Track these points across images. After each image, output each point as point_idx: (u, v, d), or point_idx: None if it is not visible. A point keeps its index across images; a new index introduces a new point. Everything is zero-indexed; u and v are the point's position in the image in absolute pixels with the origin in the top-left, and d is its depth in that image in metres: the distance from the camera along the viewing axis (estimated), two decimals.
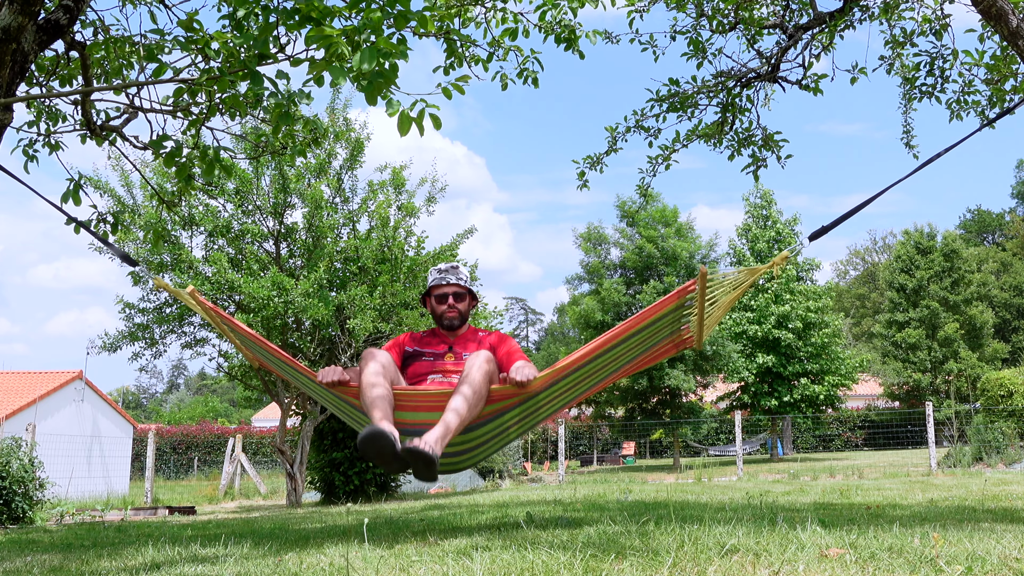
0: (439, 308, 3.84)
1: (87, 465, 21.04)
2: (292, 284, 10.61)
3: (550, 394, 3.54)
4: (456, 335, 3.86)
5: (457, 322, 3.84)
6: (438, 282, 3.87)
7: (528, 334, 74.32)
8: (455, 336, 3.85)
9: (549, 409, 3.68)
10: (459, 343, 3.83)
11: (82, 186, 4.08)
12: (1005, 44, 4.84)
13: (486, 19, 5.08)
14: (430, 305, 3.90)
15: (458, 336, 3.86)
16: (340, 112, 12.10)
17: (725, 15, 5.68)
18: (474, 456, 3.65)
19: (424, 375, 3.70)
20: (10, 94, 3.36)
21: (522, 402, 3.46)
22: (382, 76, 2.64)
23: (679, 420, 23.00)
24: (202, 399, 59.50)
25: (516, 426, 3.62)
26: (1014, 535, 2.77)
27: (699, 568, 2.20)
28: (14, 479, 8.86)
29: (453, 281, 3.85)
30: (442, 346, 3.81)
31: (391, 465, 3.10)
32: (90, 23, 4.32)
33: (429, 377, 3.69)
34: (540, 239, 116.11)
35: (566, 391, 3.63)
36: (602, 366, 3.57)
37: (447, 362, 3.74)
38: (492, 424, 3.48)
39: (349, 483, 12.21)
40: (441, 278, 3.87)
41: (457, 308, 3.83)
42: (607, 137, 5.95)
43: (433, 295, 3.87)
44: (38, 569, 3.11)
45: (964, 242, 39.46)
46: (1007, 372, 16.17)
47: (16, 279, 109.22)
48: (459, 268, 3.93)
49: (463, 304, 3.86)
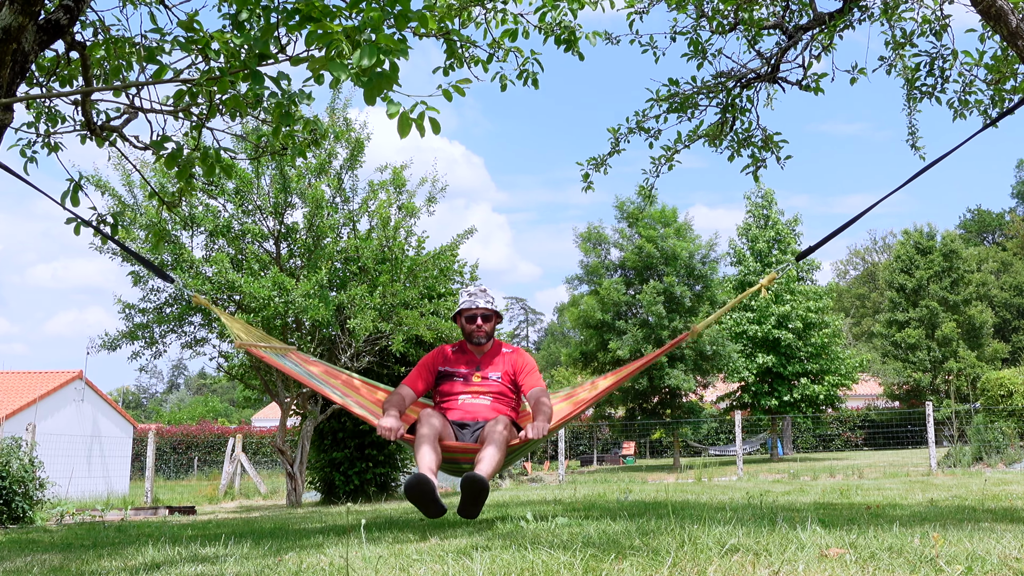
0: (468, 327, 4.36)
1: (87, 465, 21.04)
2: (293, 284, 10.61)
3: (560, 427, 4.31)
4: (483, 352, 4.39)
5: (484, 339, 4.36)
6: (468, 305, 4.35)
7: (528, 334, 74.34)
8: (482, 353, 4.39)
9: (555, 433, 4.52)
10: (485, 360, 4.37)
11: (82, 186, 4.08)
12: (1005, 44, 4.84)
13: (486, 20, 5.07)
14: (460, 323, 4.41)
15: (484, 353, 4.39)
16: (340, 112, 12.10)
17: (725, 16, 5.68)
18: None
19: (456, 395, 4.25)
20: (10, 94, 3.36)
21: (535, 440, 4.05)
22: (383, 75, 2.64)
23: (679, 420, 23.00)
24: (202, 399, 59.51)
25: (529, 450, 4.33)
26: (1014, 535, 2.78)
27: (699, 568, 2.21)
28: (14, 479, 8.86)
29: (482, 304, 4.35)
30: (470, 366, 4.35)
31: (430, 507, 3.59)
32: (90, 23, 4.32)
33: (460, 398, 4.23)
34: (539, 239, 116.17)
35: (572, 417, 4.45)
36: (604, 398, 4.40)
37: (474, 383, 4.28)
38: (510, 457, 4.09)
39: (349, 483, 12.21)
40: (471, 301, 4.36)
41: (484, 328, 4.35)
42: (610, 138, 5.94)
43: (464, 316, 4.37)
44: (38, 569, 3.11)
45: (964, 242, 39.47)
46: (1007, 372, 16.17)
47: (15, 279, 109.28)
48: (487, 292, 4.43)
49: (489, 324, 4.38)
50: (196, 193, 10.88)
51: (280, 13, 3.02)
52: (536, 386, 4.26)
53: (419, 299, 11.58)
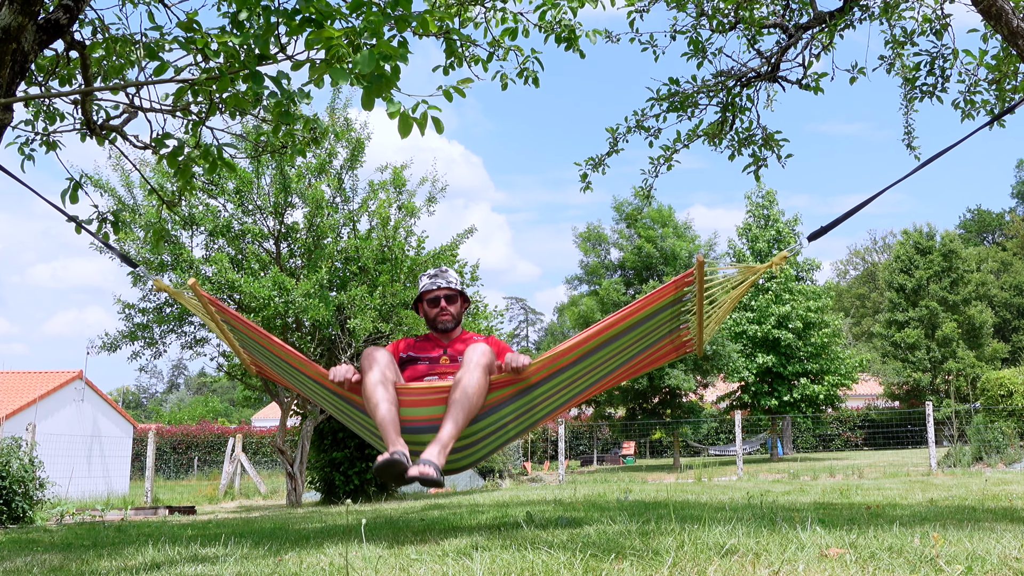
0: (432, 312, 3.90)
1: (87, 465, 21.03)
2: (293, 284, 10.61)
3: (548, 389, 3.59)
4: (450, 337, 3.91)
5: (451, 324, 3.90)
6: (428, 287, 3.92)
7: (528, 334, 74.31)
8: (449, 339, 3.90)
9: (548, 406, 3.72)
10: (453, 345, 3.87)
11: (82, 185, 4.08)
12: (1006, 44, 4.83)
13: (486, 19, 5.08)
14: (423, 310, 3.97)
15: (452, 339, 3.91)
16: (341, 112, 12.10)
17: (725, 15, 5.68)
18: (473, 454, 3.69)
19: (420, 378, 3.74)
20: (10, 94, 3.36)
21: (521, 394, 3.51)
22: (383, 79, 2.64)
23: (679, 420, 23.00)
24: (202, 399, 59.49)
25: (515, 423, 3.66)
26: (1014, 535, 2.77)
27: (699, 568, 2.20)
28: (14, 479, 8.86)
29: (444, 285, 3.91)
30: (437, 350, 3.86)
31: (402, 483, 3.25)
32: (89, 22, 4.32)
33: (426, 379, 3.72)
34: (539, 239, 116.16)
35: (564, 388, 3.66)
36: (599, 362, 3.59)
37: (443, 364, 3.79)
38: (491, 418, 3.52)
39: (349, 483, 12.21)
40: (431, 283, 3.93)
41: (449, 311, 3.89)
42: (608, 138, 5.94)
43: (425, 300, 3.93)
44: (38, 569, 3.11)
45: (964, 242, 39.47)
46: (1007, 372, 16.16)
47: (14, 279, 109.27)
48: (448, 272, 3.99)
49: (455, 306, 3.92)
50: (196, 192, 10.87)
51: (280, 14, 3.01)
52: None
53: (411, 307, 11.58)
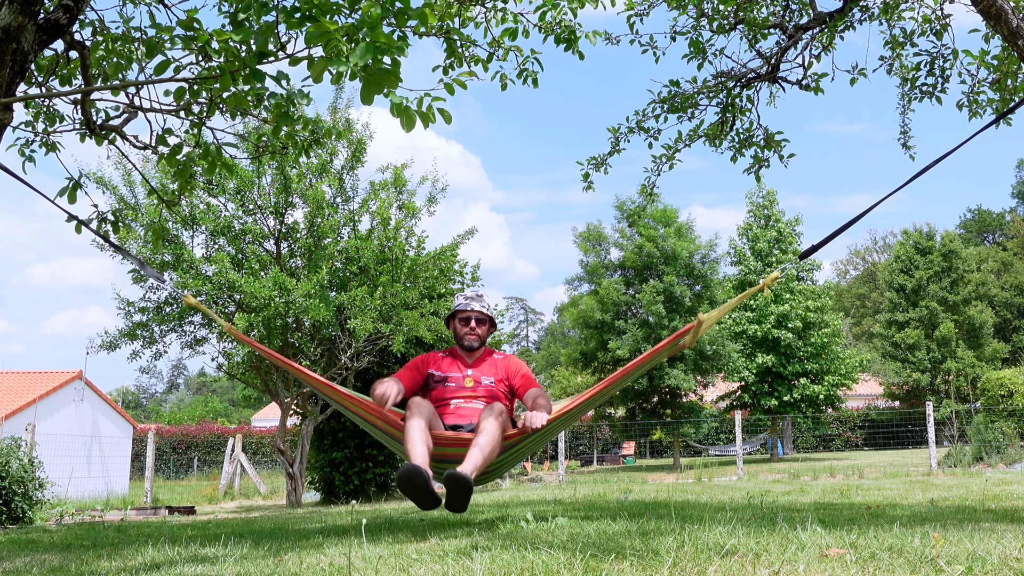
0: (461, 330, 4.23)
1: (87, 465, 21.03)
2: (293, 284, 10.60)
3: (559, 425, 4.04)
4: (474, 356, 4.24)
5: (476, 344, 4.22)
6: (463, 307, 4.24)
7: (528, 334, 74.31)
8: (473, 358, 4.23)
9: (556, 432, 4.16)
10: (476, 365, 4.21)
11: (82, 185, 4.07)
12: (1006, 44, 4.83)
13: (486, 19, 5.07)
14: (453, 326, 4.29)
15: (476, 358, 4.24)
16: (342, 112, 12.09)
17: (725, 16, 5.68)
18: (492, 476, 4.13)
19: (448, 400, 4.09)
20: (10, 94, 3.36)
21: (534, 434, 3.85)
22: (384, 71, 2.63)
23: (679, 420, 22.99)
24: (202, 399, 59.50)
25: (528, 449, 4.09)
26: (1014, 535, 2.77)
27: (699, 568, 2.20)
28: (14, 479, 8.86)
29: (477, 308, 4.23)
30: (462, 370, 4.19)
31: (423, 499, 3.41)
32: (89, 23, 4.32)
33: (452, 403, 4.07)
34: (538, 239, 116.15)
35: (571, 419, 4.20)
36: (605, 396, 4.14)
37: (467, 388, 4.13)
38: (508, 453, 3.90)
39: (349, 483, 12.21)
40: (466, 303, 4.24)
41: (477, 332, 4.22)
42: (610, 138, 5.95)
43: (457, 318, 4.25)
44: (38, 569, 3.11)
45: (964, 242, 39.47)
46: (1007, 372, 16.16)
47: (13, 278, 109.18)
48: (484, 297, 4.31)
49: (483, 329, 4.24)
50: (196, 192, 10.87)
51: (280, 11, 3.01)
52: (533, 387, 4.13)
53: (419, 299, 11.57)
